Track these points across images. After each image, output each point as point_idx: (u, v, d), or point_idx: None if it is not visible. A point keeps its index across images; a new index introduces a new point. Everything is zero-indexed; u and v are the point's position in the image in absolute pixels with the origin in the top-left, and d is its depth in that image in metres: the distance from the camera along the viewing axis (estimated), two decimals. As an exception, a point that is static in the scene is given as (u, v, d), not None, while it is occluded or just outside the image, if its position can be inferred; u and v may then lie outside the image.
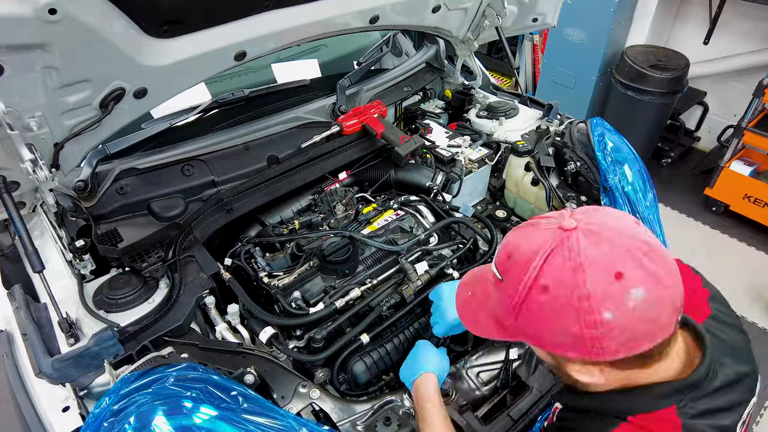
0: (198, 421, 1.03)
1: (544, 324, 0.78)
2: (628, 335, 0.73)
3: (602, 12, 4.21)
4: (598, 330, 0.73)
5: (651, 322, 0.73)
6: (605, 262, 0.74)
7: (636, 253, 0.74)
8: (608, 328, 0.73)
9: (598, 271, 0.73)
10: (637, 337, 0.74)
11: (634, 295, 0.72)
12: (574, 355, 0.78)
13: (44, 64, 1.15)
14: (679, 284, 0.76)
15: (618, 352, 0.75)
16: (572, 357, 0.79)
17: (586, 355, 0.76)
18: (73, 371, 1.21)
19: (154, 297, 1.43)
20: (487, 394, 1.37)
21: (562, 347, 0.78)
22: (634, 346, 0.74)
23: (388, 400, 1.31)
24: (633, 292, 0.72)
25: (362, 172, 2.13)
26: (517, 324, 0.82)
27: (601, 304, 0.72)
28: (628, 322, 0.73)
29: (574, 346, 0.76)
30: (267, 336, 1.42)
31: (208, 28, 1.40)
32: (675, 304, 0.75)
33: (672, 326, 0.76)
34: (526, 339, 0.84)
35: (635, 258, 0.74)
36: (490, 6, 2.18)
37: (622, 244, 0.75)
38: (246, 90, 2.05)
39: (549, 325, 0.77)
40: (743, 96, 3.89)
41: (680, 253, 3.80)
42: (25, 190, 1.41)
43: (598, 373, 0.81)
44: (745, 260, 3.75)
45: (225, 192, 1.78)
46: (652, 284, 0.73)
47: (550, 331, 0.78)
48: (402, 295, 1.57)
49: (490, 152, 2.23)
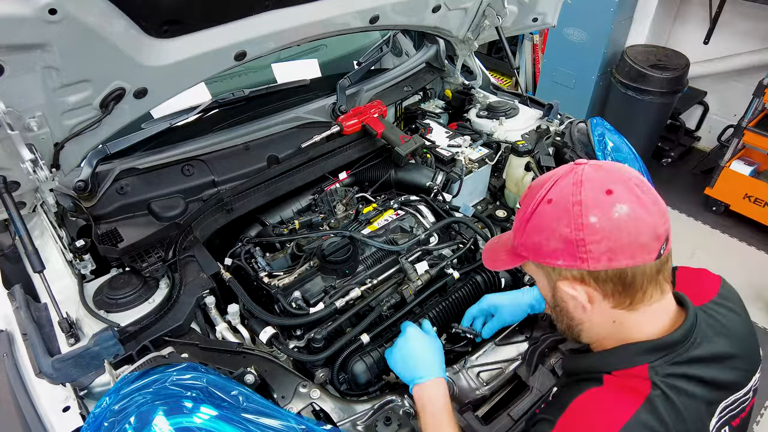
0: (198, 421, 1.03)
1: (544, 230, 0.89)
2: (610, 243, 0.83)
3: (602, 12, 4.21)
4: (584, 232, 0.84)
5: (631, 236, 0.82)
6: (601, 180, 0.86)
7: (629, 182, 0.86)
8: (593, 230, 0.83)
9: (593, 185, 0.85)
10: (616, 247, 0.83)
11: (618, 209, 0.83)
12: (564, 262, 0.87)
13: (44, 64, 1.15)
14: (662, 218, 0.85)
15: (601, 260, 0.84)
16: (562, 266, 0.88)
17: (573, 260, 0.86)
18: (73, 371, 1.21)
19: (154, 297, 1.43)
20: (487, 394, 1.37)
21: (554, 254, 0.88)
22: (614, 257, 0.83)
23: (388, 400, 1.31)
24: (618, 206, 0.83)
25: (362, 171, 2.13)
26: (523, 239, 0.93)
27: (590, 209, 0.84)
28: (610, 229, 0.82)
29: (564, 250, 0.86)
30: (267, 336, 1.42)
31: (208, 28, 1.40)
32: (656, 232, 0.84)
33: (652, 253, 0.84)
34: (529, 255, 0.93)
35: (627, 184, 0.85)
36: (490, 6, 2.18)
37: (619, 173, 0.87)
38: (246, 90, 2.05)
39: (547, 231, 0.88)
40: (743, 96, 3.89)
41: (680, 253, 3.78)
42: (26, 190, 1.41)
43: (585, 296, 0.89)
44: (745, 260, 3.75)
45: (225, 192, 1.78)
46: (636, 205, 0.83)
47: (548, 237, 0.88)
48: (402, 295, 1.57)
49: (490, 152, 2.23)
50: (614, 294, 0.88)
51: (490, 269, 1.10)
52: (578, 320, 0.96)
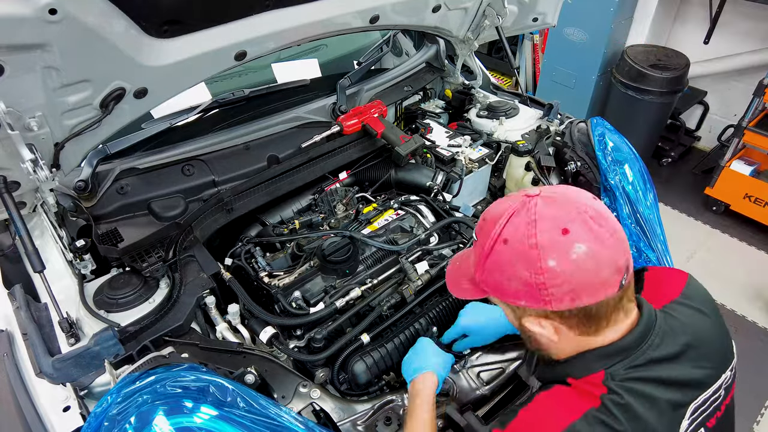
0: (198, 421, 1.03)
1: (504, 272, 0.89)
2: (571, 285, 0.83)
3: (602, 12, 4.21)
4: (544, 276, 0.84)
5: (591, 275, 0.83)
6: (555, 219, 0.85)
7: (583, 216, 0.85)
8: (552, 274, 0.83)
9: (548, 226, 0.85)
10: (578, 288, 0.83)
11: (576, 249, 0.82)
12: (527, 304, 0.88)
13: (44, 64, 1.15)
14: (621, 248, 0.85)
15: (563, 301, 0.84)
16: (526, 306, 0.89)
17: (536, 302, 0.86)
18: (73, 371, 1.21)
19: (154, 297, 1.43)
20: (488, 394, 1.37)
21: (516, 295, 0.88)
22: (576, 297, 0.84)
23: (388, 400, 1.31)
24: (576, 246, 0.83)
25: (362, 171, 2.13)
26: (483, 276, 0.94)
27: (548, 253, 0.83)
28: (570, 271, 0.83)
29: (526, 293, 0.87)
30: (267, 336, 1.42)
31: (208, 28, 1.40)
32: (616, 264, 0.84)
33: (614, 286, 0.84)
34: (491, 291, 0.94)
35: (582, 219, 0.84)
36: (490, 6, 2.18)
37: (573, 207, 0.86)
38: (246, 90, 2.05)
39: (507, 273, 0.88)
40: (743, 95, 3.90)
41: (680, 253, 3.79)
42: (26, 190, 1.41)
43: (551, 329, 0.90)
44: (746, 260, 3.75)
45: (225, 192, 1.78)
46: (593, 242, 0.83)
47: (508, 278, 0.88)
48: (402, 295, 1.57)
49: (490, 152, 2.23)
50: (579, 325, 0.89)
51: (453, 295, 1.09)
52: (546, 346, 0.98)
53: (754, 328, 3.25)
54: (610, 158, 1.95)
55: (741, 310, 3.35)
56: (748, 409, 2.82)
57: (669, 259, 1.85)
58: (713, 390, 0.96)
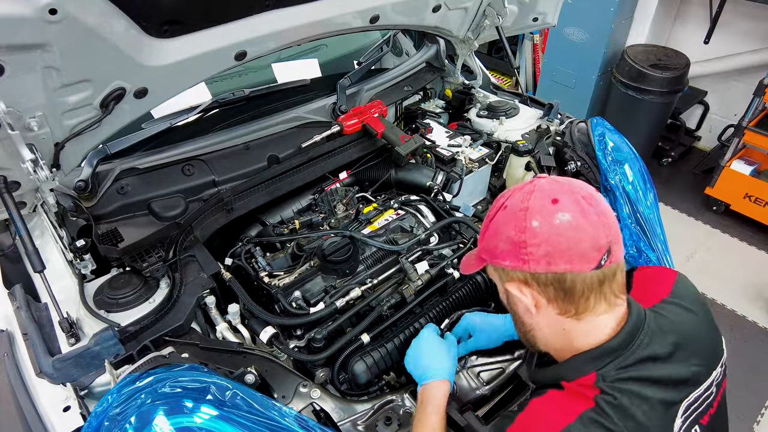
0: (199, 420, 1.03)
1: (497, 234, 0.95)
2: (548, 248, 0.88)
3: (603, 11, 4.21)
4: (525, 234, 0.89)
5: (570, 243, 0.87)
6: (549, 190, 0.92)
7: (576, 194, 0.90)
8: (533, 233, 0.89)
9: (541, 194, 0.92)
10: (555, 252, 0.88)
11: (560, 216, 0.88)
12: (510, 264, 0.93)
13: (45, 64, 1.15)
14: (605, 230, 0.88)
15: (539, 263, 0.89)
16: (509, 266, 0.94)
17: (516, 260, 0.91)
18: (73, 371, 1.21)
19: (154, 297, 1.43)
20: (488, 394, 1.37)
21: (502, 255, 0.94)
22: (552, 261, 0.88)
23: (388, 400, 1.31)
24: (560, 214, 0.88)
25: (363, 171, 2.13)
26: (483, 243, 1.01)
27: (534, 215, 0.90)
28: (549, 234, 0.88)
29: (510, 252, 0.92)
30: (267, 336, 1.42)
31: (209, 28, 1.40)
32: (597, 243, 0.87)
33: (591, 262, 0.88)
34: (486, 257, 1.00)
35: (575, 197, 0.90)
36: (490, 5, 2.18)
37: (569, 186, 0.93)
38: (246, 90, 2.05)
39: (498, 234, 0.95)
40: (744, 95, 3.90)
41: (680, 253, 3.79)
42: (26, 190, 1.41)
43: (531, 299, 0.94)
44: (746, 259, 3.75)
45: (225, 192, 1.78)
46: (579, 215, 0.88)
47: (499, 238, 0.94)
48: (402, 295, 1.57)
49: (490, 152, 2.23)
50: (557, 300, 0.92)
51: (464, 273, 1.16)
52: (529, 326, 1.01)
53: (754, 328, 3.25)
54: (610, 158, 1.95)
55: (741, 310, 3.35)
56: (748, 409, 2.81)
57: (669, 258, 1.85)
58: (704, 387, 0.97)
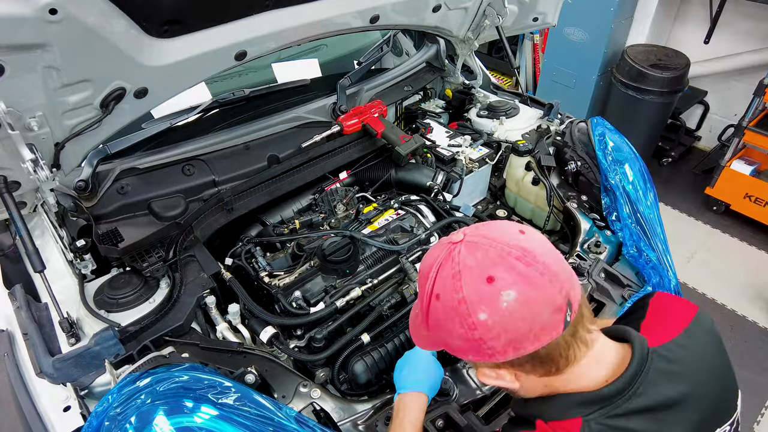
0: (199, 420, 1.03)
1: (443, 329, 0.84)
2: (509, 336, 0.77)
3: (603, 11, 4.21)
4: (477, 331, 0.78)
5: (528, 322, 0.77)
6: (478, 267, 0.79)
7: (508, 259, 0.78)
8: (486, 328, 0.78)
9: (472, 276, 0.79)
10: (518, 337, 0.77)
11: (506, 296, 0.76)
12: (473, 358, 0.83)
13: (45, 64, 1.15)
14: (556, 286, 0.78)
15: (507, 353, 0.79)
16: (474, 359, 0.83)
17: (481, 357, 0.81)
18: (74, 371, 1.22)
19: (154, 297, 1.43)
20: (488, 394, 1.37)
21: (461, 351, 0.83)
22: (519, 346, 0.78)
23: (388, 400, 1.30)
24: (504, 294, 0.77)
25: (363, 171, 2.13)
26: (429, 333, 0.88)
27: (476, 306, 0.78)
28: (503, 322, 0.77)
29: (468, 349, 0.81)
30: (268, 336, 1.42)
31: (209, 28, 1.40)
32: (554, 304, 0.77)
33: (558, 327, 0.78)
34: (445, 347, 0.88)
35: (507, 263, 0.78)
36: (490, 5, 2.18)
37: (496, 251, 0.80)
38: (246, 90, 2.05)
39: (446, 330, 0.83)
40: (744, 95, 3.89)
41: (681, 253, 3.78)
42: (26, 190, 1.41)
43: (510, 377, 0.85)
44: (746, 259, 3.75)
45: (225, 192, 1.78)
46: (523, 286, 0.77)
47: (449, 336, 0.83)
48: (402, 295, 1.57)
49: (490, 152, 2.23)
50: (536, 369, 0.83)
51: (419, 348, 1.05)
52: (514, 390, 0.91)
53: (754, 328, 3.25)
54: (610, 158, 1.95)
55: (741, 310, 3.35)
56: (748, 409, 2.82)
57: (669, 258, 1.85)
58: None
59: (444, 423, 1.27)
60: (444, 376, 1.32)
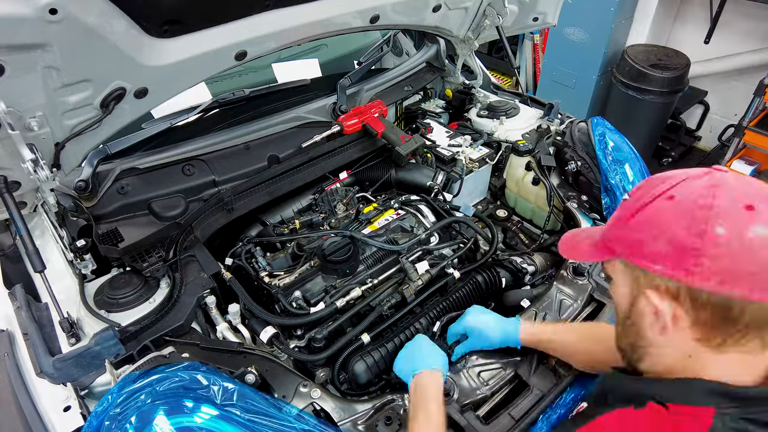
0: (199, 420, 1.03)
1: (654, 227, 0.74)
2: (730, 264, 0.68)
3: (603, 11, 4.21)
4: (702, 240, 0.69)
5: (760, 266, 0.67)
6: (742, 191, 0.71)
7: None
8: (715, 242, 0.68)
9: (731, 194, 0.70)
10: (737, 272, 0.67)
11: (757, 229, 0.67)
12: (663, 270, 0.72)
13: (45, 64, 1.15)
14: None
15: (708, 279, 0.69)
16: (661, 272, 0.73)
17: (677, 268, 0.71)
18: (74, 371, 1.22)
19: (155, 297, 1.43)
20: (488, 394, 1.37)
21: (656, 256, 0.73)
22: (727, 282, 0.68)
23: (388, 400, 1.30)
24: (757, 227, 0.67)
25: (363, 171, 2.13)
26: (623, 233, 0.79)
27: (720, 218, 0.68)
28: (737, 248, 0.67)
29: (670, 256, 0.72)
30: (268, 335, 1.42)
31: (209, 28, 1.40)
32: None
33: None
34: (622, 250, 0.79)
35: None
36: (490, 5, 2.18)
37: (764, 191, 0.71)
38: (246, 90, 2.05)
39: (658, 229, 0.74)
40: (744, 95, 3.89)
41: (681, 253, 3.74)
42: (26, 190, 1.42)
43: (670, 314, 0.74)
44: (746, 259, 3.74)
45: (226, 192, 1.78)
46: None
47: (656, 235, 0.74)
48: (403, 295, 1.57)
49: (490, 152, 2.23)
50: (706, 325, 0.72)
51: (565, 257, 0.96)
52: (648, 342, 0.80)
53: (754, 327, 3.25)
54: (610, 158, 1.95)
55: (741, 309, 3.35)
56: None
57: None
58: None
59: (444, 423, 1.27)
60: None
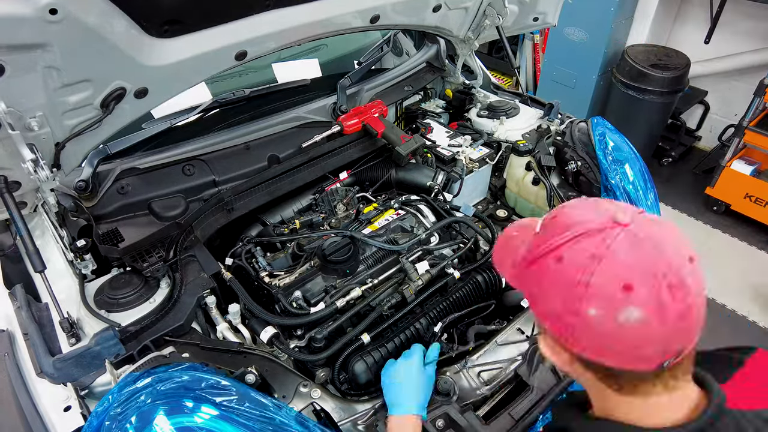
0: (199, 420, 1.03)
1: (541, 288, 0.77)
2: (602, 342, 0.71)
3: (603, 11, 4.21)
4: (576, 318, 0.71)
5: (629, 345, 0.69)
6: (624, 268, 0.69)
7: (659, 280, 0.68)
8: (587, 323, 0.70)
9: (612, 271, 0.69)
10: (608, 349, 0.71)
11: (628, 313, 0.68)
12: (549, 329, 0.77)
13: (45, 64, 1.15)
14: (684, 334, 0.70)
15: (584, 351, 0.73)
16: (548, 330, 0.78)
17: (558, 334, 0.75)
18: (74, 371, 1.22)
19: (155, 297, 1.43)
20: (488, 394, 1.37)
21: (544, 316, 0.77)
22: (601, 354, 0.72)
23: (389, 400, 1.30)
24: (629, 311, 0.68)
25: (363, 171, 2.13)
26: (522, 274, 0.81)
27: (594, 299, 0.69)
28: (607, 331, 0.69)
29: (553, 320, 0.75)
30: (268, 335, 1.42)
31: (209, 28, 1.40)
32: (666, 347, 0.69)
33: (651, 364, 0.70)
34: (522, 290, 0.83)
35: (656, 284, 0.68)
36: (490, 5, 2.18)
37: (653, 265, 0.69)
38: (246, 90, 2.05)
39: (543, 292, 0.76)
40: (744, 95, 3.89)
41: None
42: (27, 190, 1.42)
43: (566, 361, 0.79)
44: (746, 259, 3.74)
45: (226, 192, 1.78)
46: (653, 317, 0.67)
47: (543, 295, 0.76)
48: (403, 295, 1.57)
49: (490, 152, 2.23)
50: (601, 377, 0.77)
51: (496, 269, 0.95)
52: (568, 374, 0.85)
53: (754, 327, 3.25)
54: (610, 158, 1.95)
55: (741, 310, 3.35)
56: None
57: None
58: None
59: (444, 423, 1.27)
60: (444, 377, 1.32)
